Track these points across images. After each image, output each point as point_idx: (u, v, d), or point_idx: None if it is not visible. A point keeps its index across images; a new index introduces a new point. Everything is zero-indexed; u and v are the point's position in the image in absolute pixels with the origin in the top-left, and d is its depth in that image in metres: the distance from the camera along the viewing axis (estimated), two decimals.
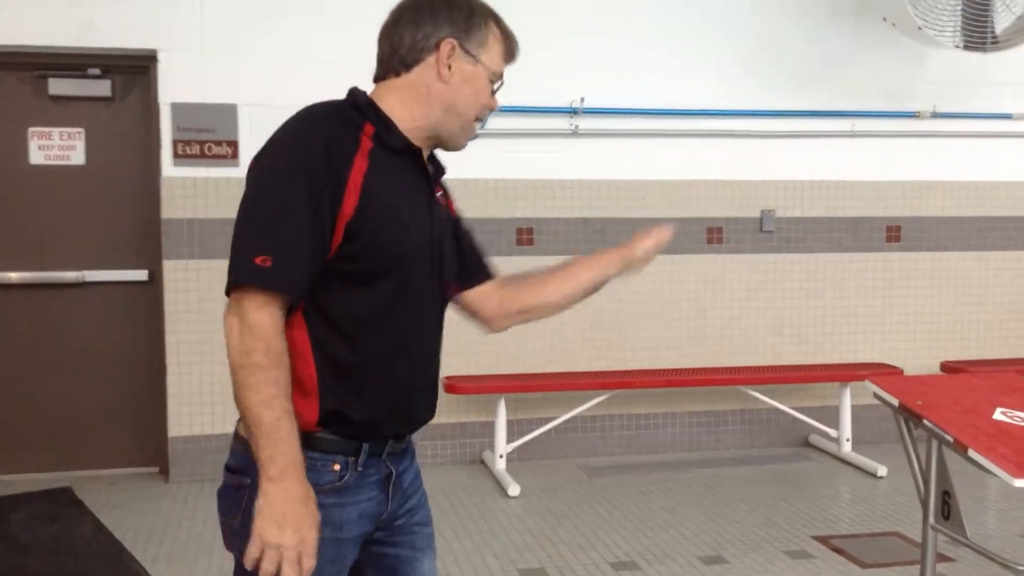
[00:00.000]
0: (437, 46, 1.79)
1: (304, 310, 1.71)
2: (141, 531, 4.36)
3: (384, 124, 1.77)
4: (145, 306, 5.15)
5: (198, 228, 4.97)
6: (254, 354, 1.63)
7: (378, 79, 1.85)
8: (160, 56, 4.90)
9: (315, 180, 1.65)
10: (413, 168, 1.82)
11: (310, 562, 1.64)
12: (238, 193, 1.76)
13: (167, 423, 5.06)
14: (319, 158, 1.66)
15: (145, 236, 5.11)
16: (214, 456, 4.90)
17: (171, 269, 4.99)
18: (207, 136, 4.94)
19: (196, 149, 4.94)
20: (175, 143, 4.93)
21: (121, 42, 4.86)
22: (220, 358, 5.03)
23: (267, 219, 1.65)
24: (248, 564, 1.63)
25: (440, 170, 1.93)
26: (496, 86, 1.87)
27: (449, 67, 1.79)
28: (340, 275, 1.70)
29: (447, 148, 1.90)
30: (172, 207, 4.96)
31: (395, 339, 1.78)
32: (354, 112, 1.77)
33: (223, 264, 1.73)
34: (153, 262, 5.09)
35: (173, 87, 4.92)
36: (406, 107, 1.80)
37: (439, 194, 1.92)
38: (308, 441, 1.72)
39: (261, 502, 1.62)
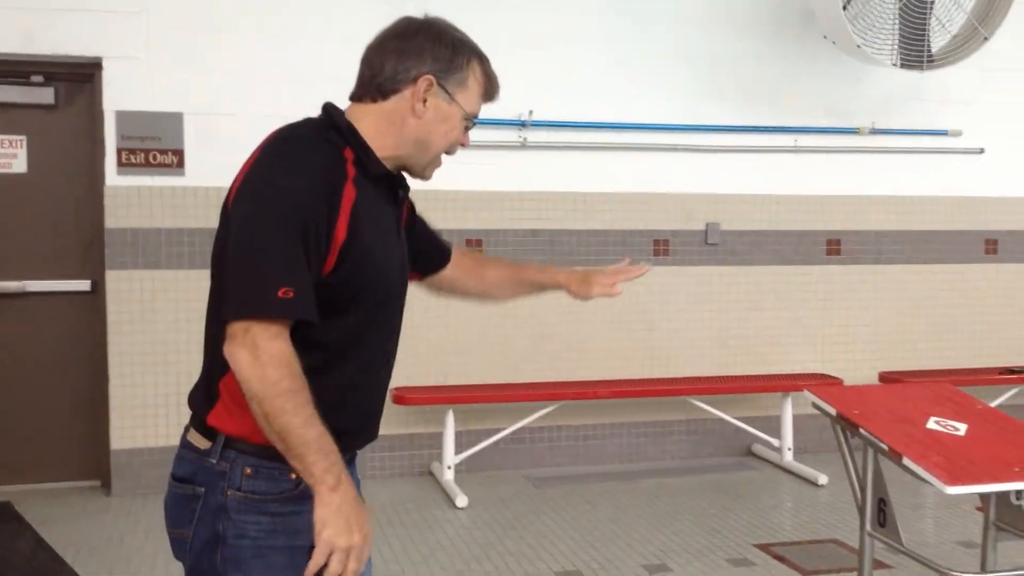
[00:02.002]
0: (415, 80, 1.81)
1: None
2: (83, 546, 4.28)
3: (364, 150, 1.80)
4: (87, 317, 5.07)
5: (142, 238, 4.92)
6: (283, 381, 1.64)
7: (355, 99, 1.87)
8: (105, 64, 4.84)
9: (315, 210, 1.68)
10: (385, 192, 1.87)
11: (367, 554, 1.72)
12: (183, 202, 1.77)
13: (109, 436, 4.98)
14: (318, 187, 1.70)
15: (88, 246, 5.03)
16: (157, 469, 4.83)
17: (114, 279, 4.92)
18: (152, 145, 4.89)
19: (141, 158, 4.88)
20: (119, 151, 4.87)
21: (65, 49, 4.80)
22: (163, 369, 5.01)
23: (281, 251, 1.66)
24: (313, 570, 1.66)
25: (407, 189, 1.97)
26: (469, 124, 1.90)
27: (424, 102, 1.81)
28: (320, 301, 1.72)
29: (412, 176, 1.94)
30: (116, 216, 4.90)
31: (366, 361, 1.84)
32: (336, 136, 1.79)
33: (166, 274, 1.74)
34: (96, 272, 5.03)
35: (118, 95, 4.87)
36: (380, 135, 1.83)
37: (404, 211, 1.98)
38: (266, 452, 1.73)
39: (326, 512, 1.66)
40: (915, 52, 5.35)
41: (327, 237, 1.70)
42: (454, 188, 5.33)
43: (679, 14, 5.57)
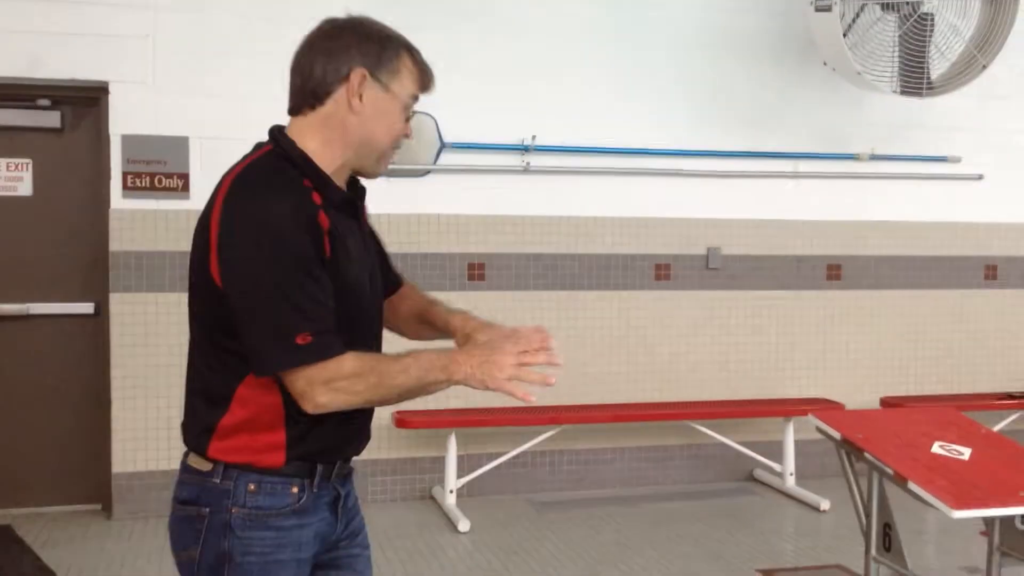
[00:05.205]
0: (347, 77, 1.80)
1: None
2: (83, 570, 4.27)
3: (322, 180, 1.80)
4: (90, 339, 5.07)
5: (146, 261, 4.93)
6: (369, 379, 1.72)
7: (293, 112, 1.87)
8: (112, 88, 4.87)
9: (306, 242, 1.71)
10: (348, 212, 1.87)
11: (537, 350, 1.74)
12: (188, 226, 1.78)
13: (111, 459, 4.97)
14: (299, 222, 1.71)
15: (92, 269, 5.05)
16: (159, 493, 4.82)
17: (118, 302, 4.93)
18: (157, 168, 4.92)
19: (146, 181, 4.91)
20: (125, 175, 4.90)
21: (72, 74, 4.83)
22: (165, 392, 5.00)
23: (290, 299, 1.69)
24: (528, 399, 1.72)
25: (362, 193, 1.96)
26: (409, 114, 1.88)
27: (360, 97, 1.80)
28: None
29: (365, 176, 1.93)
30: (120, 239, 4.92)
31: None
32: (293, 169, 1.79)
33: (170, 297, 1.77)
34: (99, 295, 5.03)
35: (124, 119, 4.89)
36: (327, 147, 1.82)
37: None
38: (267, 469, 1.78)
39: (474, 380, 1.71)
40: (915, 79, 5.39)
41: (321, 263, 1.73)
42: (457, 212, 5.36)
43: (680, 40, 5.62)
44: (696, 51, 5.65)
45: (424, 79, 1.88)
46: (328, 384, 1.69)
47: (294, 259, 1.69)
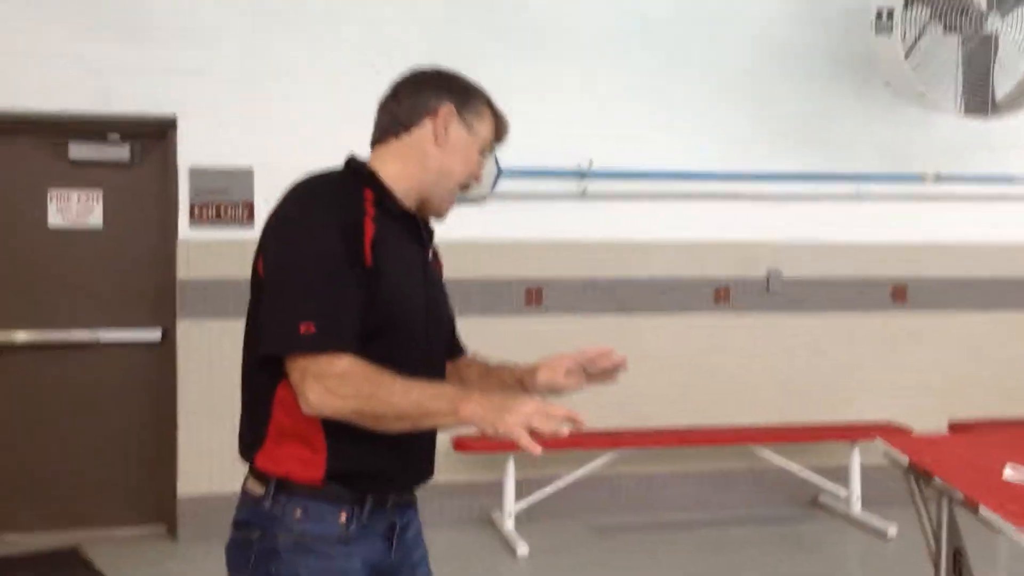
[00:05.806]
0: (436, 111, 1.89)
1: None
2: None
3: (383, 190, 1.86)
4: (158, 365, 5.19)
5: (212, 289, 5.04)
6: (362, 389, 1.70)
7: (376, 143, 1.95)
8: (180, 122, 5.01)
9: (342, 242, 1.75)
10: (409, 232, 1.91)
11: (559, 409, 1.68)
12: (252, 254, 1.84)
13: (176, 482, 5.06)
14: (337, 222, 1.76)
15: (160, 297, 5.17)
16: (223, 515, 4.84)
17: (184, 329, 5.04)
18: (223, 198, 5.03)
19: (212, 212, 5.03)
20: (192, 206, 5.02)
21: (141, 108, 4.98)
22: (230, 416, 4.98)
23: (306, 288, 1.73)
24: (534, 449, 1.67)
25: (431, 233, 2.01)
26: (484, 158, 1.97)
27: (446, 131, 1.89)
28: None
29: (430, 214, 1.97)
30: (187, 268, 5.04)
31: None
32: (354, 179, 1.86)
33: (235, 324, 1.82)
34: (167, 322, 5.15)
35: (191, 151, 5.02)
36: (404, 168, 1.89)
37: (430, 257, 2.01)
38: (314, 493, 1.80)
39: (479, 423, 1.67)
40: (979, 99, 5.29)
41: (354, 267, 1.75)
42: (515, 237, 5.39)
43: (738, 63, 5.61)
44: (755, 72, 5.63)
45: (500, 129, 1.98)
46: (318, 380, 1.69)
47: (322, 255, 1.74)
